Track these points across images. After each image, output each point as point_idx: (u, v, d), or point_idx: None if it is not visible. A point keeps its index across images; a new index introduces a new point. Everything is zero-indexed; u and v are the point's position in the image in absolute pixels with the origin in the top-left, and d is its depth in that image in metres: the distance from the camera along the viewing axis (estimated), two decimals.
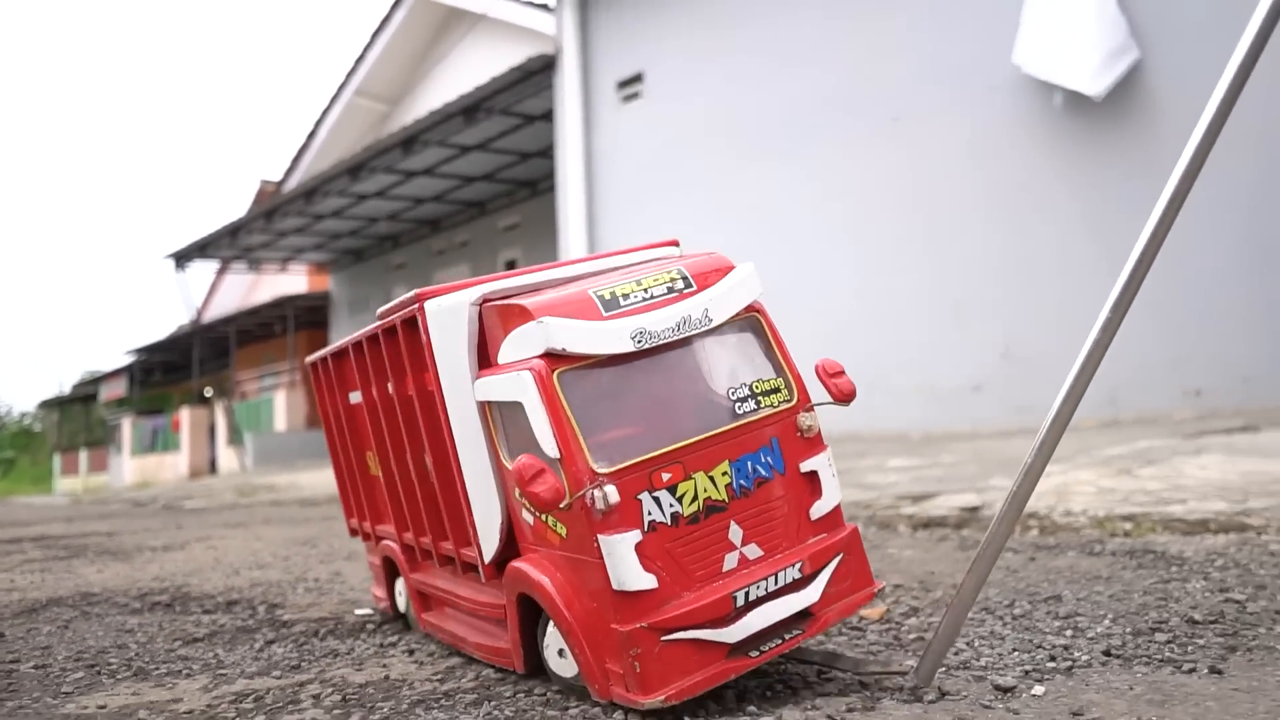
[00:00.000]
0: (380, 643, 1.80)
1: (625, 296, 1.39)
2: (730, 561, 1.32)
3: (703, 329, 1.39)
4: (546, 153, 12.43)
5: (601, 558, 1.26)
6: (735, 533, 1.34)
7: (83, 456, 28.86)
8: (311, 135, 16.83)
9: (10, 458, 42.61)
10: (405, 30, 15.06)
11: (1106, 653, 1.40)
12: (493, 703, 1.32)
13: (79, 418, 33.17)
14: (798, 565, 1.35)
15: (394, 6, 14.88)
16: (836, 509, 1.43)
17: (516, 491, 1.39)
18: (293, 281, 19.87)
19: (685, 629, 1.26)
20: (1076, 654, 1.40)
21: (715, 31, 9.09)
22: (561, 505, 1.27)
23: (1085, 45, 6.64)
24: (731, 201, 8.93)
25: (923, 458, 4.99)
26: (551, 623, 1.37)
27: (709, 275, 1.46)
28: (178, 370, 24.99)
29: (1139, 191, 6.42)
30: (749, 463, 1.37)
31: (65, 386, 38.91)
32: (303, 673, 1.57)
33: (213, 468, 19.51)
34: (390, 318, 1.66)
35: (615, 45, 10.07)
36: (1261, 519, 2.57)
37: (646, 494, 1.29)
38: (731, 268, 1.48)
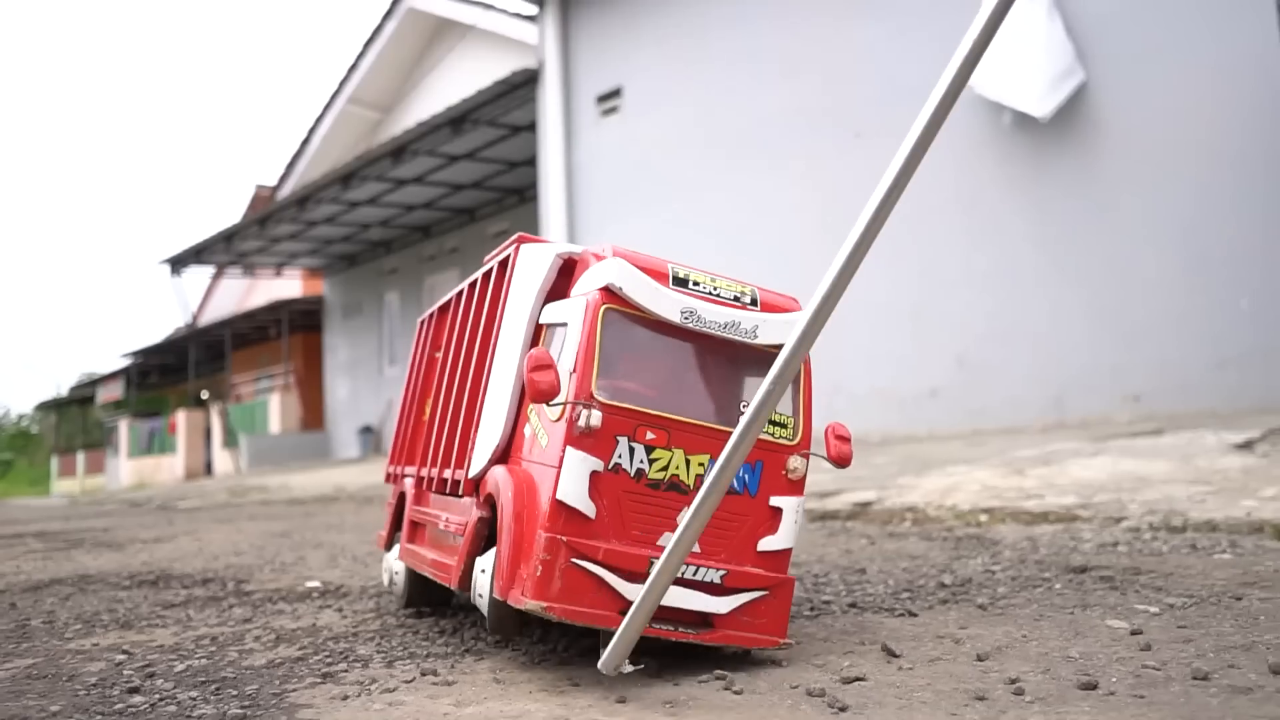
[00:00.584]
0: (319, 605, 2.28)
1: (696, 283, 1.52)
2: (666, 540, 1.41)
3: (744, 339, 1.52)
4: (533, 161, 12.88)
5: (559, 467, 1.39)
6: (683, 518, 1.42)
7: (80, 458, 29.37)
8: (305, 142, 17.33)
9: (8, 459, 43.15)
10: (397, 40, 15.55)
11: (852, 604, 1.87)
12: (385, 638, 1.80)
13: (76, 420, 33.70)
14: (720, 573, 1.44)
15: (385, 17, 15.36)
16: (785, 553, 1.51)
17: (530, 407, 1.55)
18: (287, 286, 20.37)
19: (596, 564, 1.37)
20: (832, 607, 1.87)
21: (689, 51, 9.57)
22: (552, 402, 1.40)
23: (1033, 68, 7.08)
24: (702, 212, 9.40)
25: (856, 459, 5.47)
26: (484, 557, 1.52)
27: (775, 305, 1.58)
28: (174, 373, 25.50)
29: (1081, 207, 6.89)
30: None
31: (63, 389, 39.44)
32: (252, 624, 2.05)
33: (208, 469, 20.00)
34: (492, 259, 1.83)
35: (595, 61, 10.55)
36: (1092, 512, 3.04)
37: (625, 439, 1.42)
38: (797, 306, 1.61)
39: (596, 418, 1.39)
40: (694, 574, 1.43)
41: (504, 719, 1.22)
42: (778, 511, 1.50)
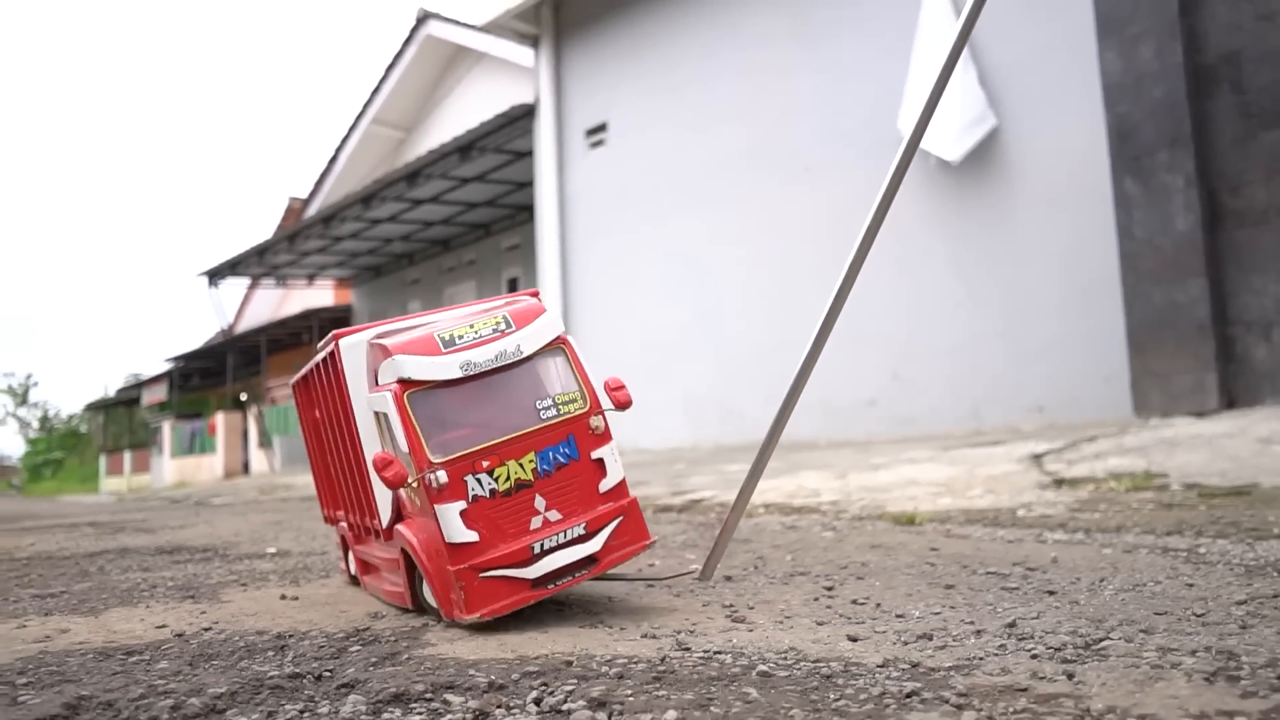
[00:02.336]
0: (266, 560, 3.73)
1: (460, 336, 1.94)
2: (536, 523, 1.90)
3: (516, 359, 1.96)
4: None
5: (436, 519, 1.84)
6: (540, 502, 1.92)
7: (127, 457, 31.51)
8: (333, 160, 18.99)
9: (59, 458, 45.82)
10: (416, 65, 17.09)
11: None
12: (290, 573, 3.23)
13: (123, 420, 35.94)
14: (581, 525, 1.93)
15: (405, 43, 16.91)
16: (620, 484, 2.00)
17: None
18: (319, 295, 22.11)
19: (496, 569, 1.85)
20: None
21: (661, 92, 10.97)
22: (409, 483, 1.84)
23: (947, 116, 8.34)
24: (672, 238, 10.80)
25: (751, 463, 6.80)
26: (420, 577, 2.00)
27: (525, 318, 2.00)
28: (214, 376, 27.48)
29: (991, 239, 8.15)
30: (550, 453, 1.94)
31: (110, 390, 41.84)
32: (221, 568, 3.50)
33: (246, 469, 21.81)
34: (321, 352, 2.29)
35: (584, 98, 11.98)
36: (831, 508, 4.37)
37: (471, 476, 1.86)
38: (542, 309, 2.05)
39: (443, 476, 1.85)
40: (564, 536, 1.92)
41: (313, 594, 2.63)
42: (600, 461, 2.00)
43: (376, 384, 2.03)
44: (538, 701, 1.34)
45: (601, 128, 11.75)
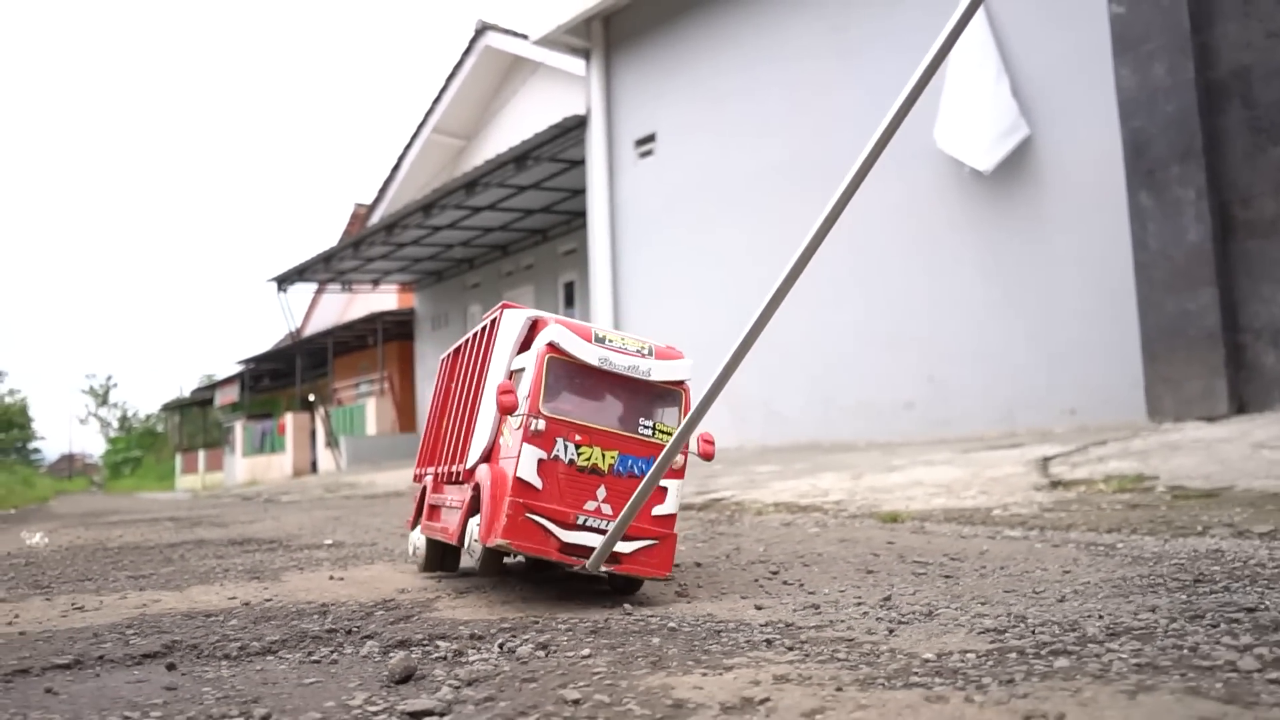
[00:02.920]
0: (322, 550, 4.31)
1: (609, 340, 2.32)
2: (590, 505, 2.23)
3: (642, 377, 2.30)
4: None
5: (519, 457, 2.19)
6: (601, 492, 2.24)
7: (201, 456, 32.91)
8: (396, 167, 19.78)
9: (137, 456, 47.81)
10: (475, 75, 17.77)
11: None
12: (341, 560, 3.79)
13: (197, 420, 37.47)
14: None
15: (465, 54, 17.59)
16: (670, 516, 2.29)
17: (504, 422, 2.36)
18: (383, 299, 22.99)
19: (541, 516, 2.18)
20: None
21: (708, 101, 11.45)
22: (515, 413, 2.22)
23: (980, 126, 8.69)
24: (715, 245, 11.28)
25: (781, 464, 7.26)
26: (474, 519, 2.34)
27: (664, 355, 2.37)
28: (283, 378, 28.62)
29: (1023, 246, 8.48)
30: (631, 461, 2.27)
31: (185, 391, 43.55)
32: (283, 556, 4.09)
33: (314, 468, 22.77)
34: (486, 318, 2.66)
35: (633, 109, 12.50)
36: (834, 506, 4.82)
37: (562, 440, 2.22)
38: (681, 357, 2.40)
39: (542, 424, 2.21)
40: (605, 525, 2.22)
41: (357, 575, 3.17)
42: (665, 489, 2.30)
43: (528, 349, 2.43)
44: (501, 646, 1.85)
45: (650, 138, 12.26)
